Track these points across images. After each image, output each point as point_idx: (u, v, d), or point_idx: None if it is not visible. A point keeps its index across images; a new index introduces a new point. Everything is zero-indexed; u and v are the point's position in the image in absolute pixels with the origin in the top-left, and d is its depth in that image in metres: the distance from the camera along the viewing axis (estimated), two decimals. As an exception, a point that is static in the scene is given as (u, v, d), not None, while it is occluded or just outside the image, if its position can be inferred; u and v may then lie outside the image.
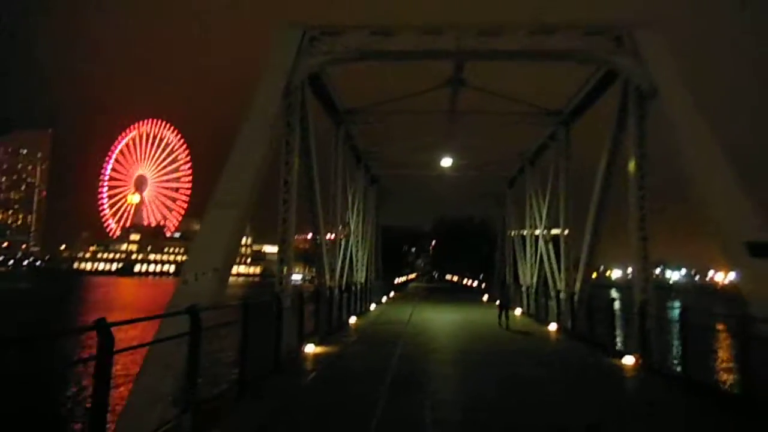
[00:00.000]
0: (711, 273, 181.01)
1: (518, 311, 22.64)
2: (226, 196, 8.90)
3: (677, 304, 44.62)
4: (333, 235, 20.65)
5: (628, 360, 10.23)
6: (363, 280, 26.19)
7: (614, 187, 15.08)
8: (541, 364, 10.63)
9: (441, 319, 18.61)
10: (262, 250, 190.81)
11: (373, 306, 23.06)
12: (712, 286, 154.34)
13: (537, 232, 22.80)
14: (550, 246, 21.99)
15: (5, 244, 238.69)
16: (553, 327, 16.27)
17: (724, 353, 22.94)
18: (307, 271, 78.42)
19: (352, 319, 16.84)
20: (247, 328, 6.88)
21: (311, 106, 14.57)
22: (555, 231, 21.97)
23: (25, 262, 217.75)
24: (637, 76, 12.22)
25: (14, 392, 10.21)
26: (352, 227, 22.64)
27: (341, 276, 21.02)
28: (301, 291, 12.70)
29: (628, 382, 9.08)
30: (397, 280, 45.49)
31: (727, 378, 17.97)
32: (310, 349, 10.75)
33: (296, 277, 18.91)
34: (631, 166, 12.73)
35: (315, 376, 8.54)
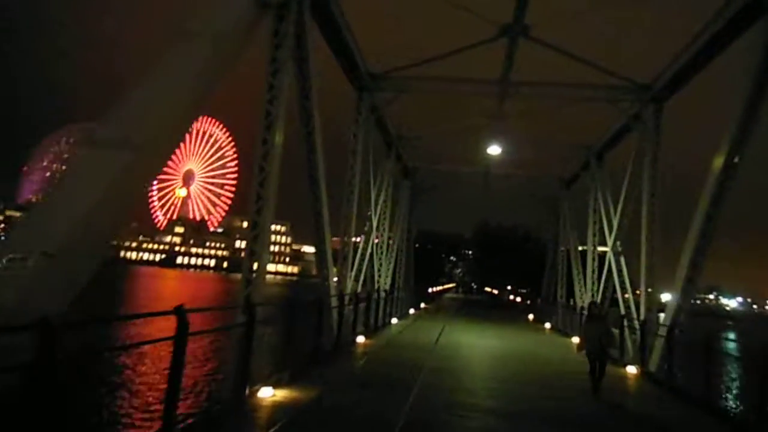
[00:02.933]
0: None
1: (575, 339, 18.14)
2: (114, 130, 5.18)
3: None
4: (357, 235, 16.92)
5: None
6: (386, 288, 22.24)
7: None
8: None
9: (478, 346, 14.34)
10: (302, 250, 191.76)
11: (395, 320, 19.04)
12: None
13: (606, 244, 18.24)
14: (623, 261, 17.43)
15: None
16: (632, 370, 11.85)
17: None
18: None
19: (360, 339, 12.90)
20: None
21: (316, 47, 10.81)
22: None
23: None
24: None
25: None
26: (375, 224, 18.75)
27: (357, 281, 17.18)
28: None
29: None
30: (431, 290, 41.16)
31: None
32: (266, 394, 6.87)
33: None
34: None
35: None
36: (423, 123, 21.25)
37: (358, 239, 18.19)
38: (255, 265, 8.95)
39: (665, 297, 16.25)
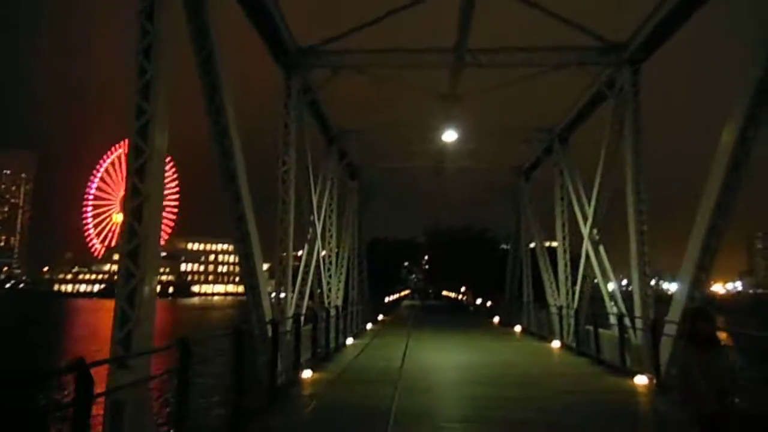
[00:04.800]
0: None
1: (555, 344, 16.04)
2: None
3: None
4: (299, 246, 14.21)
5: None
6: (338, 304, 19.52)
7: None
8: None
9: (452, 367, 11.73)
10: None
11: (350, 340, 16.31)
12: (710, 296, 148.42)
13: (578, 234, 16.24)
14: (602, 250, 15.48)
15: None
16: (641, 381, 9.67)
17: None
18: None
19: (306, 374, 10.13)
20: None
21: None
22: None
23: (7, 285, 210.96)
24: None
25: None
26: (319, 232, 16.02)
27: (303, 300, 14.42)
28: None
29: None
30: (387, 299, 38.58)
31: None
32: None
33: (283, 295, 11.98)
34: None
35: None
36: (368, 111, 18.82)
37: (300, 253, 15.46)
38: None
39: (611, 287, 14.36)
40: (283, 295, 12.60)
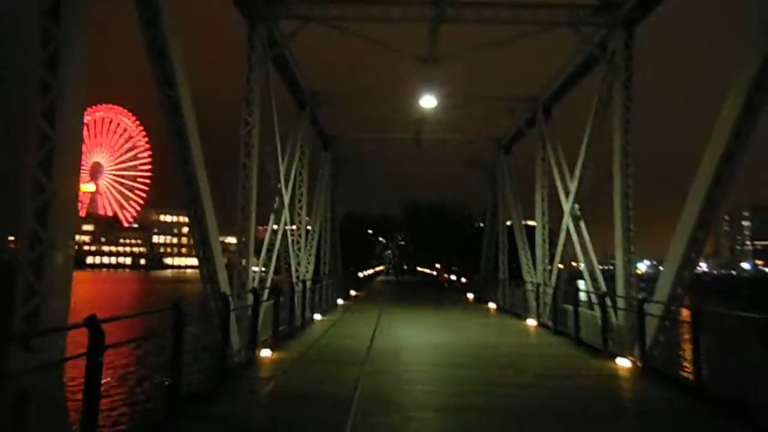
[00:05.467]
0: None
1: (530, 322, 15.46)
2: None
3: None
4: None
5: None
6: (307, 277, 18.61)
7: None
8: None
9: (425, 347, 10.98)
10: (226, 241, 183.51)
11: (318, 316, 15.44)
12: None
13: (564, 206, 15.50)
14: (583, 226, 14.83)
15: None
16: (623, 363, 9.03)
17: None
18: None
19: (265, 353, 9.21)
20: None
21: None
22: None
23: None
24: None
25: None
26: (287, 202, 14.93)
27: (268, 272, 13.46)
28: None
29: None
30: (361, 274, 37.82)
31: None
32: None
33: (255, 269, 10.88)
34: None
35: None
36: (342, 76, 17.54)
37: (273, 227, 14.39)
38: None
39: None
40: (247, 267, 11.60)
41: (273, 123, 13.53)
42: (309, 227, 20.44)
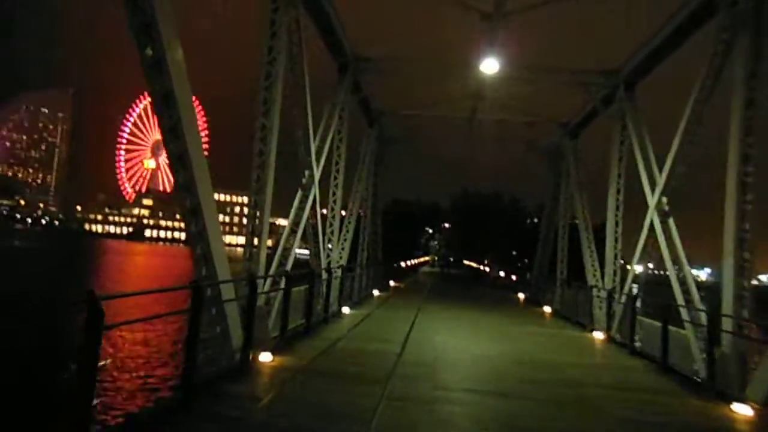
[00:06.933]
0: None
1: (597, 335, 12.93)
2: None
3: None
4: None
5: None
6: (343, 264, 16.71)
7: None
8: None
9: (473, 363, 8.70)
10: (276, 223, 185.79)
11: (346, 309, 13.48)
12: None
13: (649, 200, 12.78)
14: (672, 224, 12.13)
15: (22, 203, 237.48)
16: (741, 410, 6.54)
17: None
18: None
19: (265, 357, 7.29)
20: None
21: None
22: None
23: (43, 221, 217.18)
24: None
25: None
26: (317, 176, 12.98)
27: (285, 256, 11.60)
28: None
29: None
30: (404, 264, 35.63)
31: None
32: None
33: (302, 251, 9.15)
34: None
35: None
36: (391, 33, 15.46)
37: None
38: None
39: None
40: (257, 247, 9.73)
41: (302, 79, 11.55)
42: (343, 211, 18.51)
